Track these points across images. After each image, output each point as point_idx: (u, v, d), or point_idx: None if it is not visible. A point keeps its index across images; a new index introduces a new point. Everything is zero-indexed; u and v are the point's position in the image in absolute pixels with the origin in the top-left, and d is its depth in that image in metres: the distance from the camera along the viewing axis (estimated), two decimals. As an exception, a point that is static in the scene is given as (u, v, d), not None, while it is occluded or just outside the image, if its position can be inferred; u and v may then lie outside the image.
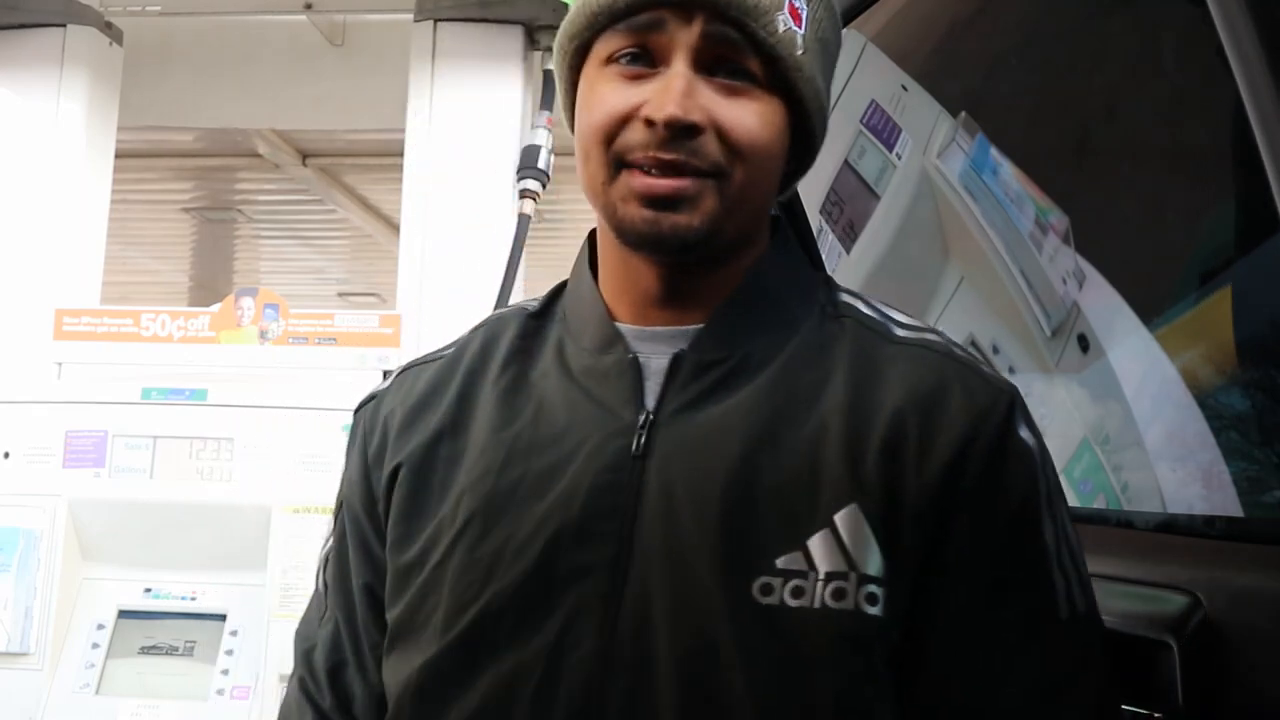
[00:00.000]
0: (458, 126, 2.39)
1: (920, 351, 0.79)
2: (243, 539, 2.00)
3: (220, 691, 1.95)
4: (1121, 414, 0.97)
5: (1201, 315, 0.87)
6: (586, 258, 0.85)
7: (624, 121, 0.75)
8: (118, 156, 2.70)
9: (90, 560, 2.06)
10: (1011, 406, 0.76)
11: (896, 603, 0.72)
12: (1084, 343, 1.00)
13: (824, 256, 1.31)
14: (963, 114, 1.17)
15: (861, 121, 1.29)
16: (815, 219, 1.32)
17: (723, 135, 0.74)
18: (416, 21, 2.43)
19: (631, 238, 0.76)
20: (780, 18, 0.75)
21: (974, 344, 1.16)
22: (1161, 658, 0.78)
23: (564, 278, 0.89)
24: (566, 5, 0.83)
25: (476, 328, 0.88)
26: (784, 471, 0.74)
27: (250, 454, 2.02)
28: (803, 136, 0.80)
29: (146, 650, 2.00)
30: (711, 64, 0.75)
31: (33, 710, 1.94)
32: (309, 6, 2.72)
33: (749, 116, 0.75)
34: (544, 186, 2.41)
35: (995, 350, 1.14)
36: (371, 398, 0.88)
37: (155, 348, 2.25)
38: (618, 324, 0.81)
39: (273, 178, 4.28)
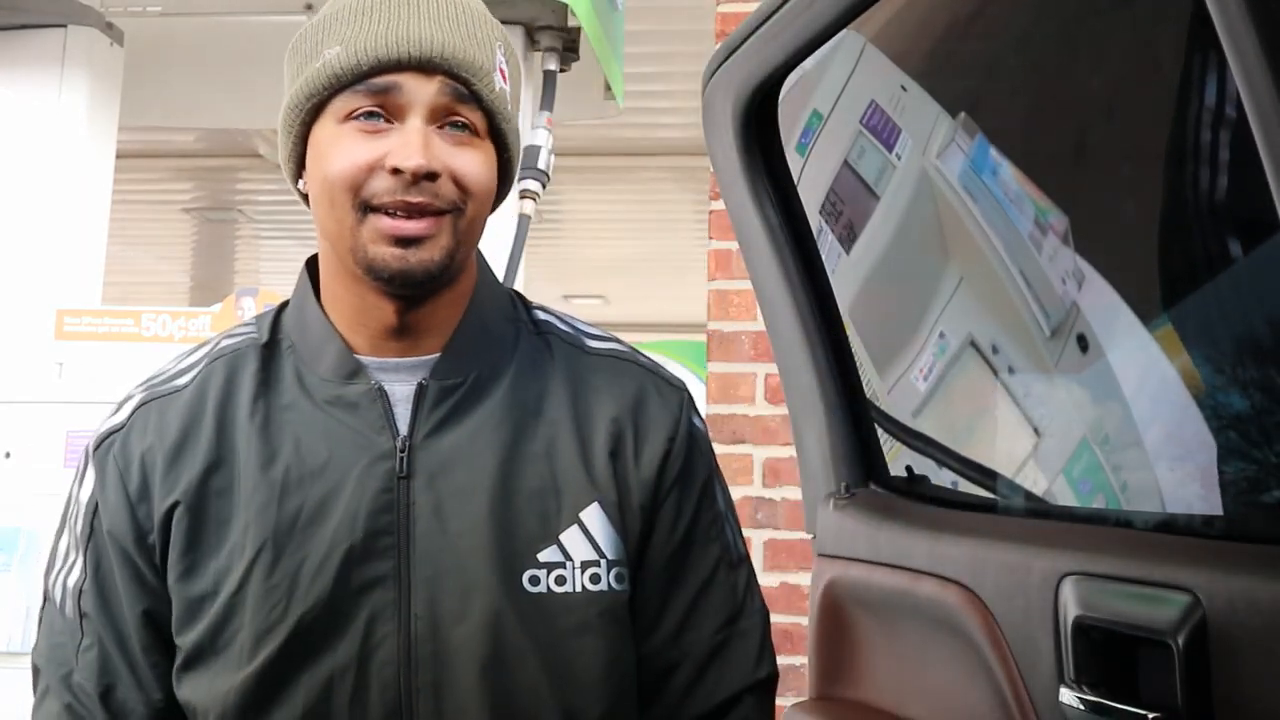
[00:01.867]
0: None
1: (615, 362, 0.97)
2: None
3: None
4: (1120, 414, 0.97)
5: (1200, 315, 0.87)
6: (310, 289, 0.95)
7: (369, 171, 0.85)
8: (118, 157, 2.70)
9: (91, 560, 2.06)
10: (690, 403, 0.98)
11: (632, 575, 0.92)
12: (1083, 343, 1.00)
13: (824, 257, 1.32)
14: (962, 114, 1.17)
15: (861, 122, 1.29)
16: (815, 219, 1.32)
17: (456, 180, 0.87)
18: (416, 22, 2.43)
19: (383, 274, 0.86)
20: (495, 78, 0.89)
21: (973, 344, 1.17)
22: (1161, 657, 0.78)
23: (564, 278, 0.93)
24: (564, 5, 0.88)
25: (213, 359, 0.96)
26: (532, 478, 0.90)
27: (251, 454, 2.02)
28: (503, 176, 0.94)
29: (147, 650, 2.00)
30: (440, 120, 0.87)
31: (34, 710, 1.94)
32: (309, 7, 2.73)
33: (474, 163, 0.88)
34: (544, 187, 2.41)
35: (995, 350, 1.15)
36: (110, 434, 0.95)
37: (156, 348, 2.25)
38: (357, 356, 0.91)
39: (273, 178, 4.29)
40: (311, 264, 0.97)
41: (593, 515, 0.90)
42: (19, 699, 1.95)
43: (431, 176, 0.85)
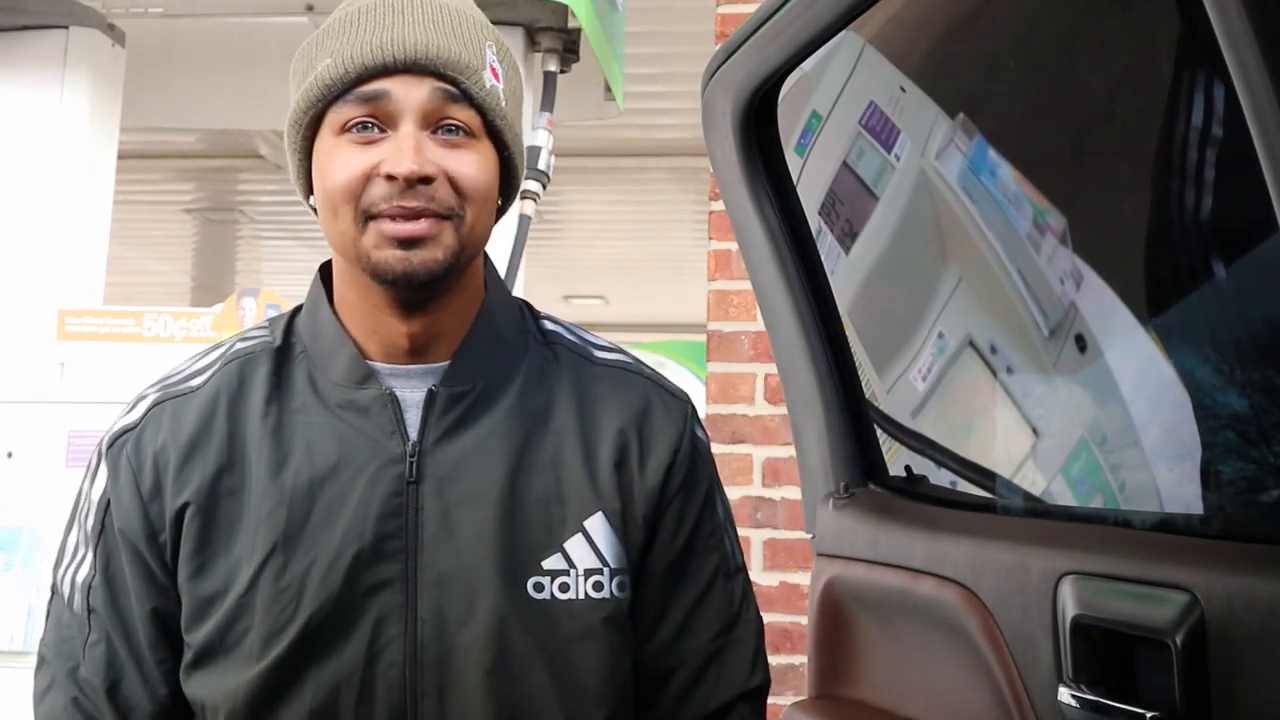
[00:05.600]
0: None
1: (621, 374, 0.99)
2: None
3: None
4: (1119, 414, 0.97)
5: (1199, 315, 0.87)
6: (323, 294, 0.95)
7: (365, 179, 0.86)
8: (120, 158, 2.70)
9: (93, 560, 2.06)
10: (693, 414, 1.00)
11: (633, 582, 0.94)
12: (1081, 343, 1.00)
13: (823, 257, 1.32)
14: (961, 115, 1.17)
15: (860, 123, 1.29)
16: (814, 220, 1.32)
17: (452, 183, 0.87)
18: (418, 23, 2.43)
19: (387, 276, 0.87)
20: (485, 76, 0.89)
21: (972, 344, 1.17)
22: (1159, 656, 0.79)
23: (564, 278, 0.93)
24: (564, 6, 0.88)
25: (227, 361, 0.96)
26: (538, 487, 0.91)
27: (252, 454, 2.03)
28: (507, 175, 0.94)
29: (149, 650, 2.01)
30: (433, 124, 0.88)
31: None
32: (311, 8, 2.73)
33: (470, 165, 0.88)
34: (544, 187, 2.41)
35: (993, 350, 1.15)
36: (124, 433, 0.95)
37: (157, 348, 2.25)
38: (370, 362, 0.92)
39: (274, 179, 4.29)
40: (325, 269, 0.98)
41: (597, 524, 0.92)
42: (19, 699, 1.96)
43: (426, 180, 0.86)
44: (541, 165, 2.38)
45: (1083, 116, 1.03)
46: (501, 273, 2.33)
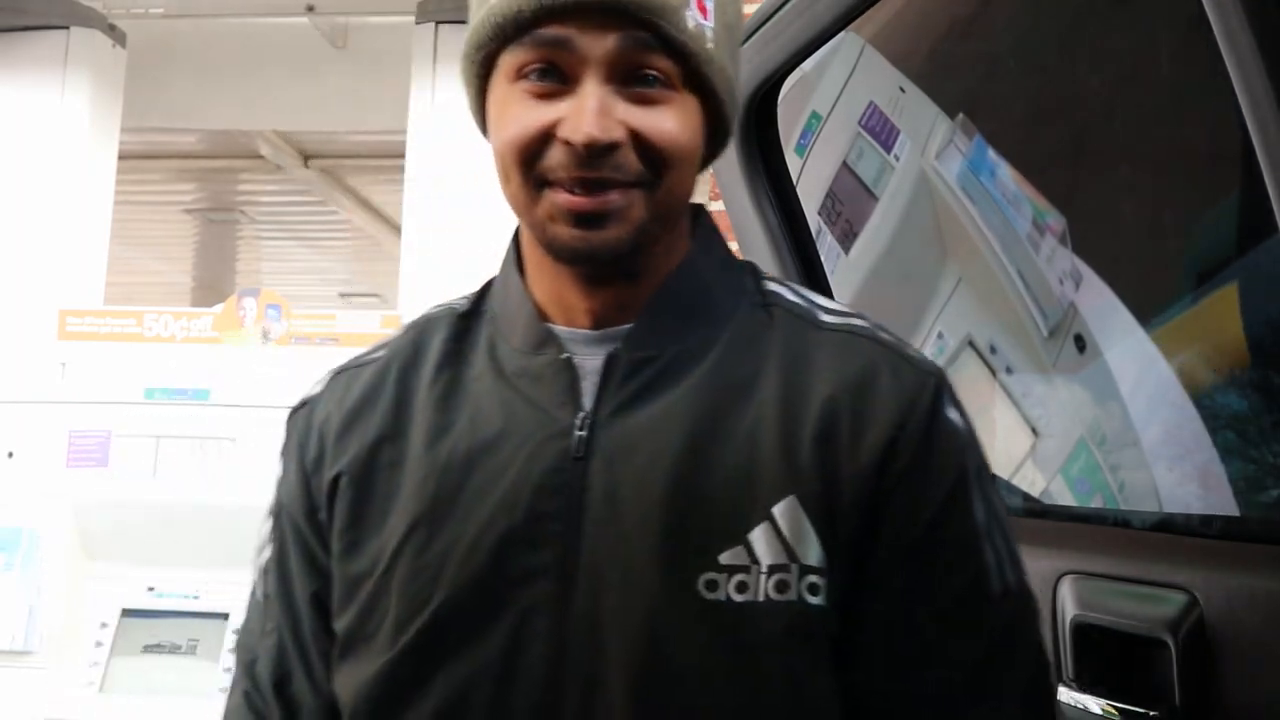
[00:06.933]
0: (459, 128, 2.39)
1: (847, 337, 0.79)
2: (245, 538, 1.98)
3: (223, 690, 1.94)
4: (1118, 414, 0.97)
5: (1197, 315, 0.87)
6: (514, 258, 0.84)
7: (541, 140, 0.74)
8: (121, 158, 2.71)
9: (94, 559, 2.07)
10: (939, 389, 0.77)
11: (836, 590, 0.73)
12: (1080, 343, 1.00)
13: (823, 257, 1.32)
14: (960, 115, 1.17)
15: (860, 123, 1.29)
16: (814, 220, 1.32)
17: (643, 146, 0.74)
18: (418, 24, 2.44)
19: (564, 255, 0.76)
20: (689, 14, 0.74)
21: (971, 344, 1.17)
22: (1158, 656, 0.79)
23: None
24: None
25: (406, 329, 0.87)
26: (723, 467, 0.75)
27: (253, 454, 2.03)
28: (715, 123, 0.79)
29: (150, 649, 2.01)
30: (624, 75, 0.74)
31: (36, 708, 1.95)
32: (311, 9, 2.73)
33: (667, 123, 0.74)
34: (545, 187, 2.41)
35: (993, 350, 1.15)
36: (304, 403, 0.87)
37: (158, 348, 2.25)
38: (550, 325, 0.80)
39: (275, 179, 4.29)
40: (519, 232, 0.85)
41: (787, 510, 0.73)
42: (23, 697, 1.96)
43: (609, 148, 0.73)
44: (542, 165, 2.37)
45: (1082, 115, 1.03)
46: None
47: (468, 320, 0.85)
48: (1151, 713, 0.79)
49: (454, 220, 2.41)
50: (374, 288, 6.02)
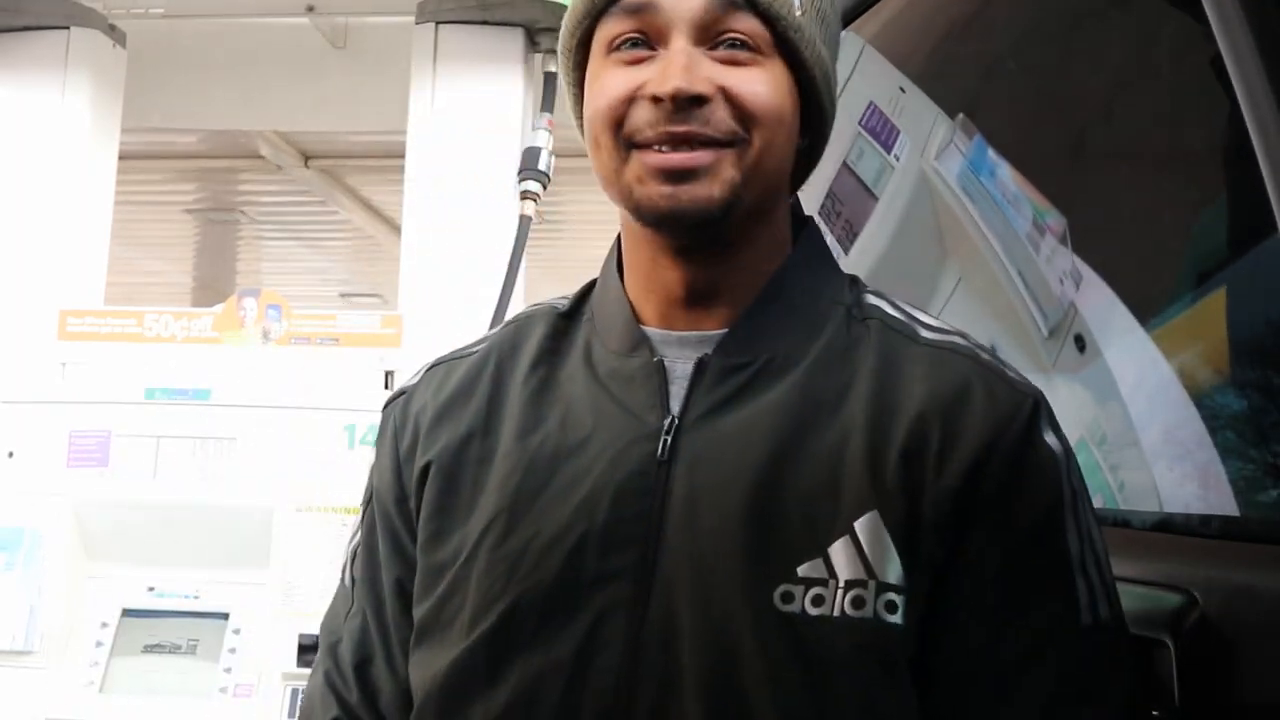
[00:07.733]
0: (459, 128, 2.40)
1: (944, 355, 0.77)
2: (245, 538, 2.00)
3: (223, 690, 1.95)
4: (1118, 414, 0.97)
5: (1197, 315, 0.87)
6: (615, 260, 0.84)
7: (629, 103, 0.75)
8: (121, 158, 2.71)
9: (94, 559, 2.07)
10: (1035, 411, 0.75)
11: (916, 611, 0.71)
12: (1080, 343, 1.00)
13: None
14: (960, 115, 1.17)
15: (860, 123, 1.29)
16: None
17: (732, 102, 0.74)
18: (418, 24, 2.44)
19: (651, 216, 0.76)
20: None
21: (972, 344, 1.17)
22: (1158, 656, 0.78)
23: (564, 279, 0.89)
24: (565, 7, 0.83)
25: (507, 324, 0.88)
26: (807, 478, 0.74)
27: (253, 454, 2.03)
28: (811, 107, 0.79)
29: (150, 649, 2.01)
30: (712, 38, 0.75)
31: (37, 708, 1.95)
32: (311, 9, 2.73)
33: (756, 82, 0.74)
34: (544, 188, 2.41)
35: (993, 350, 1.15)
36: (401, 393, 0.88)
37: (158, 348, 2.26)
38: (644, 327, 0.80)
39: (275, 179, 4.29)
40: (620, 237, 0.86)
41: (869, 526, 0.72)
42: (23, 697, 1.97)
43: (699, 100, 0.73)
44: (542, 165, 2.38)
45: (1082, 116, 1.03)
46: (501, 274, 2.34)
47: (567, 320, 0.85)
48: (1152, 713, 0.79)
49: (454, 220, 2.41)
50: (374, 288, 6.02)
